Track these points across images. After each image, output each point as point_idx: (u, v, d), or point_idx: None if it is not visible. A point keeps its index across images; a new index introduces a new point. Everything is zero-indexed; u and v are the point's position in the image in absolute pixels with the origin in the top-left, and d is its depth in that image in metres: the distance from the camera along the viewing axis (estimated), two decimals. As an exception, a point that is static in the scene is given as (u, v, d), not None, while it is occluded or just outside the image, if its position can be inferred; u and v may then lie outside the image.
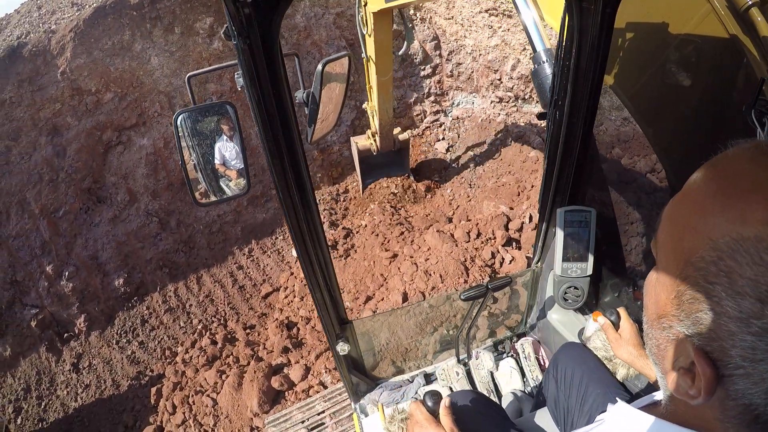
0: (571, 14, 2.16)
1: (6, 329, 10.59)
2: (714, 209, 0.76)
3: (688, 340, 0.81)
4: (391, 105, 9.76)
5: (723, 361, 0.76)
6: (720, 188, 0.77)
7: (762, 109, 2.03)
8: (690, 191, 0.84)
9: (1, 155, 10.96)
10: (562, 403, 2.45)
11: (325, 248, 2.47)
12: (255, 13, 1.44)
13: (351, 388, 3.74)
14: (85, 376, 10.22)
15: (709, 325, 0.76)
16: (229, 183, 2.44)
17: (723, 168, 0.80)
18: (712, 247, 0.74)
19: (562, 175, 2.91)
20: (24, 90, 10.93)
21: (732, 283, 0.71)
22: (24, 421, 9.64)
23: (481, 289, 3.02)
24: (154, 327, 10.93)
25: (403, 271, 8.66)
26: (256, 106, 1.71)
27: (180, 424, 8.32)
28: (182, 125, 2.13)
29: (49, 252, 11.04)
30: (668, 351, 0.87)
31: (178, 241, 11.82)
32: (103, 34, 11.14)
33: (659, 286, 0.89)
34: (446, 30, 12.72)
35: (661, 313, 0.88)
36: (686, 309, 0.80)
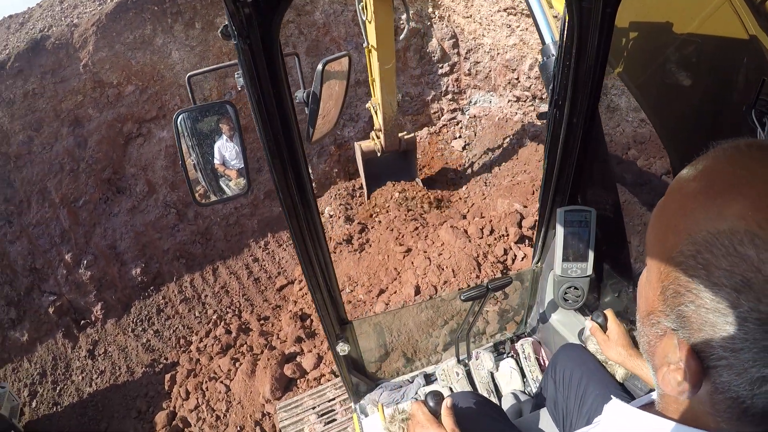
0: (571, 14, 2.15)
1: (24, 315, 10.78)
2: (694, 207, 0.78)
3: (674, 334, 0.83)
4: (395, 98, 9.51)
5: (707, 353, 0.78)
6: (700, 188, 0.79)
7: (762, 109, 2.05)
8: (672, 193, 0.86)
9: (24, 145, 11.16)
10: (561, 404, 2.45)
11: (325, 248, 2.47)
12: (255, 13, 1.45)
13: (351, 388, 3.72)
14: (100, 363, 10.39)
15: (691, 317, 0.78)
16: (229, 183, 2.43)
17: (703, 169, 0.82)
18: (690, 241, 0.76)
19: (562, 175, 2.91)
20: (46, 82, 11.12)
21: (709, 275, 0.74)
22: (38, 404, 9.82)
23: (481, 289, 3.00)
24: (169, 316, 11.08)
25: (416, 265, 8.71)
26: (256, 106, 1.71)
27: (193, 409, 8.43)
28: (182, 125, 2.13)
29: (69, 240, 11.23)
30: (658, 347, 0.89)
31: (195, 233, 11.97)
32: (124, 28, 11.30)
33: (647, 285, 0.91)
34: (464, 28, 12.72)
35: (649, 309, 0.90)
36: (670, 303, 0.83)
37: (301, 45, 12.75)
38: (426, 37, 13.17)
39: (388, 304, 8.27)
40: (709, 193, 0.77)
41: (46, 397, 9.92)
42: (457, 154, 13.05)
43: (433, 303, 4.80)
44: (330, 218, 11.92)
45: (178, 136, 2.14)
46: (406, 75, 13.42)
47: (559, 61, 2.48)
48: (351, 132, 12.94)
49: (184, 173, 2.23)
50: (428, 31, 13.13)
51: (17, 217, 11.15)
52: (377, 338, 3.92)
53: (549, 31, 3.54)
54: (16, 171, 11.17)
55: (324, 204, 12.43)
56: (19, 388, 10.02)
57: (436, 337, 4.27)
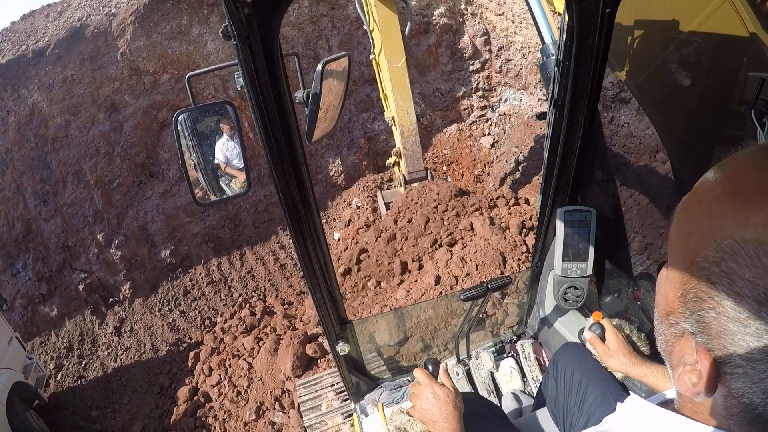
0: (571, 14, 2.13)
1: (54, 291, 11.19)
2: (719, 211, 0.77)
3: (692, 337, 0.83)
4: (412, 105, 8.51)
5: (723, 360, 0.78)
6: (726, 191, 0.78)
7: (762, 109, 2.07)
8: (698, 192, 0.84)
9: (61, 128, 11.54)
10: (562, 403, 2.45)
11: (325, 248, 2.47)
12: (255, 13, 1.45)
13: (351, 388, 3.71)
14: (126, 340, 10.71)
15: (711, 324, 0.78)
16: (230, 183, 2.43)
17: (730, 171, 0.81)
18: (715, 248, 0.75)
19: (562, 175, 2.89)
20: (85, 68, 11.45)
21: (732, 284, 0.72)
22: (64, 377, 10.17)
23: (481, 289, 2.98)
24: (195, 298, 11.36)
25: (438, 257, 8.74)
26: (256, 106, 1.72)
27: (215, 385, 8.62)
28: (182, 125, 2.13)
29: (101, 221, 11.58)
30: (675, 347, 0.89)
31: (224, 218, 12.18)
32: (161, 18, 11.53)
33: (668, 284, 0.90)
34: (497, 26, 12.67)
35: (669, 310, 0.90)
36: (690, 307, 0.82)
37: (334, 38, 12.84)
38: (458, 33, 13.13)
39: (409, 291, 8.32)
40: (736, 198, 0.75)
41: (71, 370, 10.27)
42: (486, 151, 12.98)
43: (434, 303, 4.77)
44: (357, 209, 12.04)
45: (178, 136, 2.15)
46: (437, 71, 13.42)
47: (559, 61, 2.47)
48: (381, 126, 12.95)
49: (184, 173, 2.24)
50: (460, 28, 13.09)
51: (53, 197, 11.55)
52: (377, 338, 3.95)
53: (549, 30, 3.55)
54: (53, 153, 11.55)
55: (352, 195, 12.56)
56: (46, 360, 10.39)
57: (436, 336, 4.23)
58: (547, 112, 2.79)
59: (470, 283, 7.84)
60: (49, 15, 12.82)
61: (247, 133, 10.40)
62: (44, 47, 11.42)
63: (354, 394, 3.75)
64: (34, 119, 11.48)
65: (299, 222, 2.21)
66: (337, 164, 12.86)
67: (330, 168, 12.84)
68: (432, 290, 8.02)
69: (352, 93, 12.88)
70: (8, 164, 11.49)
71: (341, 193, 12.87)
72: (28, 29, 12.47)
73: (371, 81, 12.74)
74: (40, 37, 11.84)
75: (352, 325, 3.13)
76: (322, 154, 12.78)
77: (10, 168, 11.50)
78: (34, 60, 11.41)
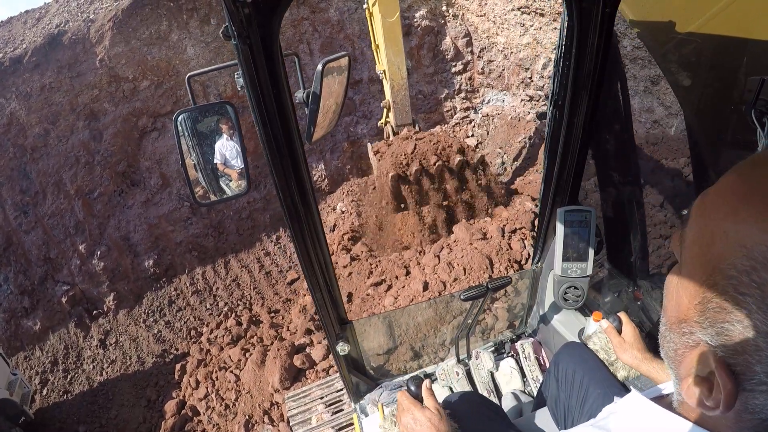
0: (571, 14, 2.14)
1: (37, 304, 10.99)
2: (748, 216, 0.70)
3: (711, 350, 0.77)
4: (403, 59, 8.56)
5: (745, 376, 0.73)
6: (754, 194, 0.71)
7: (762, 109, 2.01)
8: (722, 193, 0.77)
9: (40, 138, 11.36)
10: (563, 403, 2.42)
11: (325, 248, 2.45)
12: (255, 13, 1.44)
13: (351, 388, 3.67)
14: (111, 352, 10.57)
15: (736, 337, 0.72)
16: (229, 183, 2.42)
17: (757, 172, 0.74)
18: (745, 255, 0.69)
19: (562, 175, 2.88)
20: (63, 76, 11.30)
21: (765, 296, 0.67)
22: (50, 392, 10.00)
23: (481, 289, 2.95)
24: (181, 308, 11.24)
25: (425, 263, 8.73)
26: (256, 106, 1.69)
27: (202, 398, 8.54)
28: (182, 125, 2.11)
29: (83, 231, 11.40)
30: (686, 357, 0.83)
31: (207, 226, 12.09)
32: (140, 24, 11.42)
33: (682, 290, 0.84)
34: (478, 27, 12.68)
35: (682, 317, 0.83)
36: (711, 317, 0.76)
37: (315, 42, 12.80)
38: (440, 35, 13.15)
39: (397, 298, 8.29)
40: (767, 201, 0.69)
41: (57, 384, 10.10)
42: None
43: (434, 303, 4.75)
44: (342, 214, 11.99)
45: (177, 136, 2.13)
46: (419, 73, 13.42)
47: (559, 61, 2.49)
48: (364, 129, 12.96)
49: (184, 173, 2.22)
50: (442, 29, 13.10)
51: (33, 208, 11.36)
52: (377, 338, 3.90)
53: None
54: (33, 163, 11.37)
55: (336, 200, 12.52)
56: (31, 375, 10.21)
57: (436, 336, 4.21)
58: (547, 112, 2.79)
59: (458, 289, 7.83)
60: (27, 22, 12.64)
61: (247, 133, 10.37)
62: (21, 55, 11.26)
63: (354, 394, 3.73)
64: (12, 129, 11.30)
65: (299, 222, 2.21)
66: (321, 169, 12.85)
67: (313, 173, 12.81)
68: (420, 296, 8.01)
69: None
70: (-13, 175, 11.28)
71: (325, 198, 12.85)
72: (6, 36, 12.30)
73: (353, 84, 12.75)
74: (17, 45, 11.67)
75: (352, 325, 3.11)
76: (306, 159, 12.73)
77: (-12, 179, 11.29)
78: (12, 68, 11.25)
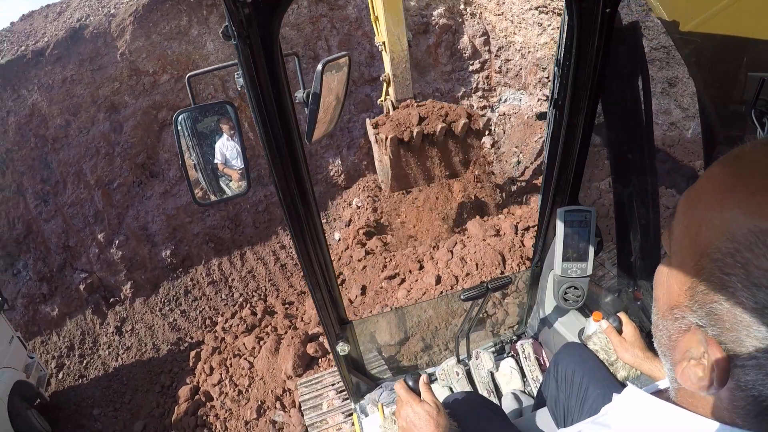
0: (571, 14, 2.15)
1: (55, 290, 11.25)
2: (732, 204, 0.75)
3: (701, 330, 0.81)
4: (404, 30, 7.91)
5: (736, 352, 0.76)
6: (737, 183, 0.77)
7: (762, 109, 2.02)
8: (707, 186, 0.83)
9: (61, 129, 11.58)
10: (563, 403, 2.43)
11: (325, 248, 2.45)
12: (255, 13, 1.45)
13: (351, 388, 3.68)
14: (127, 339, 10.78)
15: (724, 315, 0.76)
16: (230, 183, 2.41)
17: (740, 164, 0.80)
18: (729, 239, 0.74)
19: (562, 175, 2.88)
20: (84, 69, 11.48)
21: (748, 274, 0.71)
22: (65, 376, 10.24)
23: (481, 289, 2.96)
24: (196, 297, 11.41)
25: (438, 257, 8.78)
26: (256, 106, 1.71)
27: (216, 384, 8.68)
28: (182, 125, 2.11)
29: (102, 221, 11.61)
30: (679, 342, 0.87)
31: (225, 218, 12.22)
32: (161, 19, 11.55)
33: (672, 278, 0.89)
34: (496, 26, 12.65)
35: (673, 304, 0.88)
36: (700, 300, 0.80)
37: (333, 39, 12.83)
38: (457, 33, 13.13)
39: (410, 291, 8.37)
40: (749, 189, 0.74)
41: (72, 369, 10.33)
42: (486, 152, 13.00)
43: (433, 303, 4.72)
44: (358, 209, 12.08)
45: (177, 136, 2.13)
46: (436, 71, 13.39)
47: (559, 61, 2.49)
48: (381, 125, 12.99)
49: (184, 173, 2.22)
50: (459, 28, 13.08)
51: (53, 197, 11.60)
52: (377, 338, 3.91)
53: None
54: (54, 153, 11.60)
55: (352, 195, 12.60)
56: (47, 360, 10.45)
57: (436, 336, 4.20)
58: (547, 112, 2.80)
59: (471, 283, 7.85)
60: (48, 15, 12.83)
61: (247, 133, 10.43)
62: (44, 48, 11.44)
63: (354, 394, 3.72)
64: (34, 119, 11.51)
65: (299, 222, 2.20)
66: (338, 164, 12.88)
67: (330, 168, 12.86)
68: (432, 290, 8.05)
69: (351, 93, 12.88)
70: (8, 164, 11.54)
71: (341, 193, 12.90)
72: (28, 30, 12.48)
73: (371, 81, 12.76)
74: (39, 38, 11.85)
75: (352, 325, 3.10)
76: (322, 154, 12.80)
77: (10, 168, 11.55)
78: (34, 60, 11.44)
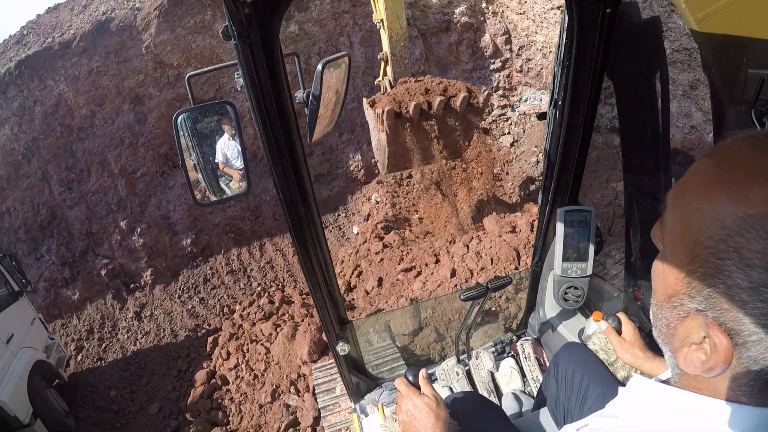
0: (571, 14, 2.14)
1: (77, 275, 11.54)
2: (719, 193, 0.79)
3: (701, 314, 0.84)
4: (402, 7, 7.45)
5: (737, 330, 0.79)
6: (724, 174, 0.81)
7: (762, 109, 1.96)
8: (695, 179, 0.87)
9: (86, 119, 11.84)
10: (562, 403, 2.40)
11: (325, 248, 2.44)
12: (255, 13, 1.45)
13: (351, 388, 3.63)
14: (145, 324, 11.04)
15: (722, 297, 0.79)
16: (230, 183, 2.42)
17: (725, 156, 0.84)
18: (720, 226, 0.77)
19: (562, 175, 2.88)
20: (110, 61, 11.72)
21: (741, 257, 0.75)
22: (84, 358, 10.52)
23: (481, 289, 2.94)
24: (215, 286, 11.64)
25: (454, 252, 8.85)
26: (256, 106, 1.70)
27: (232, 368, 8.85)
28: (182, 125, 2.12)
29: (124, 209, 11.89)
30: (679, 328, 0.90)
31: (245, 209, 12.42)
32: (185, 13, 11.74)
33: (668, 269, 0.92)
34: (518, 25, 12.65)
35: (670, 293, 0.91)
36: (697, 286, 0.83)
37: (355, 35, 12.89)
38: (479, 32, 13.12)
39: (425, 283, 8.43)
40: (735, 179, 0.79)
41: (91, 352, 10.61)
42: (505, 150, 12.99)
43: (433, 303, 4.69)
44: (377, 204, 12.20)
45: (178, 136, 2.12)
46: (458, 69, 13.38)
47: (559, 61, 2.49)
48: (400, 122, 13.03)
49: (184, 173, 2.22)
50: (481, 26, 13.08)
51: (77, 185, 11.90)
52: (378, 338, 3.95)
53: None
54: (79, 142, 11.87)
55: (372, 190, 12.71)
56: (67, 342, 10.73)
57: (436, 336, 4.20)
58: (547, 112, 2.79)
59: (485, 277, 7.90)
60: (74, 8, 13.10)
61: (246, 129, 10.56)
62: (70, 40, 11.69)
63: (354, 394, 3.68)
64: (60, 109, 11.77)
65: (299, 222, 2.19)
66: (358, 159, 12.98)
67: (350, 163, 12.97)
68: (447, 282, 8.10)
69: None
70: (34, 152, 11.82)
71: (361, 188, 13.01)
72: (54, 22, 12.77)
73: (392, 78, 12.82)
74: (65, 30, 12.11)
75: (352, 325, 3.09)
76: (343, 149, 12.90)
77: (36, 156, 11.84)
78: (61, 52, 11.69)
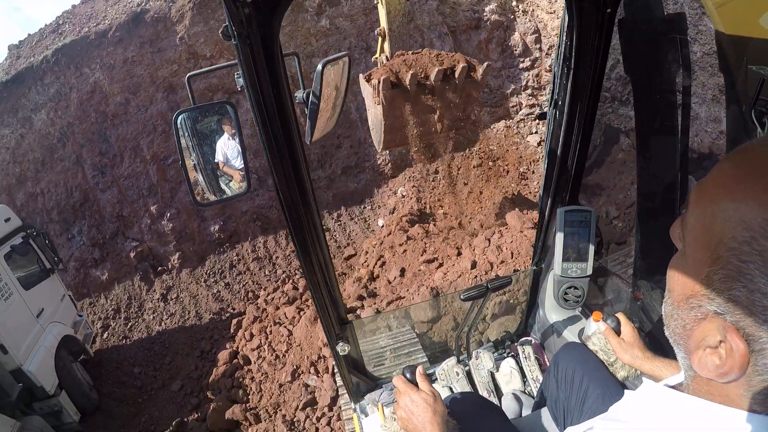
0: (571, 14, 2.12)
1: (107, 256, 11.95)
2: (745, 195, 0.76)
3: (719, 317, 0.81)
4: None
5: (754, 336, 0.77)
6: (749, 175, 0.78)
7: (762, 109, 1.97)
8: (719, 178, 0.84)
9: (121, 106, 12.21)
10: (562, 403, 2.39)
11: (325, 248, 2.42)
12: (255, 13, 1.44)
13: (351, 388, 3.61)
14: (171, 306, 11.40)
15: (743, 302, 0.77)
16: (230, 183, 2.39)
17: (752, 156, 0.81)
18: (744, 228, 0.75)
19: (562, 175, 2.86)
20: (144, 51, 12.06)
21: (765, 261, 0.73)
22: (110, 336, 10.91)
23: (481, 289, 2.93)
24: (241, 272, 11.92)
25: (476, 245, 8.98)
26: (256, 106, 1.69)
27: (255, 349, 9.06)
28: (182, 125, 2.10)
29: (155, 194, 12.24)
30: (695, 330, 0.87)
31: (272, 198, 12.61)
32: (219, 5, 11.81)
33: (688, 268, 0.89)
34: (548, 24, 12.61)
35: (689, 293, 0.88)
36: (717, 288, 0.80)
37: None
38: (509, 30, 13.11)
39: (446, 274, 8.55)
40: (761, 180, 0.76)
41: (117, 330, 11.00)
42: (532, 150, 12.97)
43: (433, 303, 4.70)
44: (402, 198, 12.35)
45: (178, 136, 2.11)
46: (487, 67, 13.36)
47: (559, 61, 2.47)
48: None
49: (184, 173, 2.21)
50: (511, 25, 13.07)
51: (110, 169, 12.28)
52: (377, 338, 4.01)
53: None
54: (113, 128, 12.26)
55: (398, 184, 12.85)
56: (94, 320, 11.12)
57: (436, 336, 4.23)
58: (547, 112, 2.79)
59: (504, 270, 8.01)
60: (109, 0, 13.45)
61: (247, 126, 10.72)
62: (106, 30, 12.05)
63: (354, 394, 3.67)
64: (95, 96, 12.15)
65: (299, 222, 2.17)
66: (385, 154, 13.09)
67: (378, 157, 13.12)
68: (468, 273, 8.24)
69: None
70: (69, 137, 12.25)
71: (387, 182, 13.15)
72: (89, 12, 13.14)
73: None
74: (100, 20, 12.47)
75: (352, 325, 3.09)
76: (371, 143, 13.00)
77: (70, 140, 12.26)
78: (97, 41, 12.06)
